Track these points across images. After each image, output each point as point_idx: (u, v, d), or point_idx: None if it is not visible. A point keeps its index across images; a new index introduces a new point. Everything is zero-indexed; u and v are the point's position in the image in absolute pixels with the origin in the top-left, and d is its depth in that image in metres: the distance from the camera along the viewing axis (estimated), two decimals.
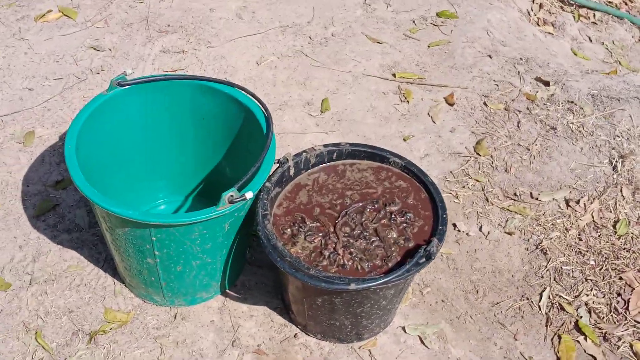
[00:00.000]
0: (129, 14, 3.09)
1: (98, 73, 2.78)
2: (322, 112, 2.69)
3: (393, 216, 1.89)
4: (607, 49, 4.18)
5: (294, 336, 2.01)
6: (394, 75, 2.92)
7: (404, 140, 2.60)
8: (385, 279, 1.69)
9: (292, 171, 1.97)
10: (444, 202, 1.91)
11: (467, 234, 2.29)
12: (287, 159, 1.95)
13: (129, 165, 2.11)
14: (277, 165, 1.94)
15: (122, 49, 2.89)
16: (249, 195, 1.72)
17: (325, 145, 2.02)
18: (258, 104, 1.97)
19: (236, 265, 2.07)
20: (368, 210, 1.92)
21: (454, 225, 2.31)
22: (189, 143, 2.15)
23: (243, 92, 1.99)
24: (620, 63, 4.12)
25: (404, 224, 1.88)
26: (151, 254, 1.83)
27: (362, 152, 2.04)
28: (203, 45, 2.91)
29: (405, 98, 2.79)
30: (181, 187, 2.27)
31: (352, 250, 1.81)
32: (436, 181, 2.45)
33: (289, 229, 1.87)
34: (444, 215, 1.88)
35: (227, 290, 2.12)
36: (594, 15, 4.35)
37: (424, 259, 1.75)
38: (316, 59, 2.94)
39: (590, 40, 4.15)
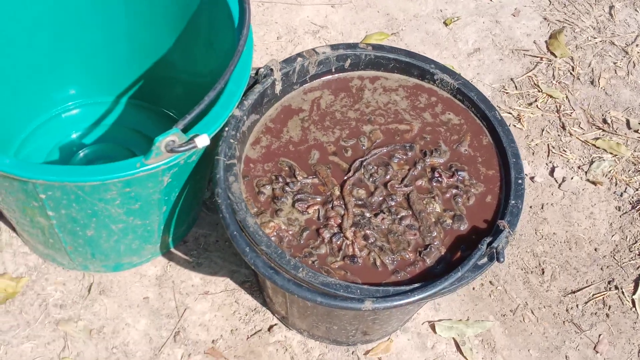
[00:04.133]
0: None
1: None
2: None
3: (437, 174, 1.27)
4: None
5: (269, 330, 1.46)
6: None
7: (445, 24, 1.95)
8: (421, 295, 1.10)
9: (278, 87, 1.30)
10: (519, 155, 1.28)
11: (531, 178, 1.70)
12: (272, 70, 1.28)
13: (23, 51, 1.46)
14: (255, 78, 1.27)
15: None
16: (203, 141, 1.08)
17: (333, 47, 1.36)
18: None
19: (186, 218, 1.48)
20: (397, 161, 1.29)
21: None
22: (118, 21, 1.50)
23: None
24: None
25: (454, 190, 1.27)
26: (43, 214, 1.23)
27: (392, 60, 1.38)
28: None
29: None
30: (110, 84, 1.63)
31: (367, 232, 1.20)
32: (490, 92, 1.81)
33: (268, 186, 1.24)
34: (520, 181, 1.25)
35: (172, 249, 1.52)
36: None
37: (485, 259, 1.15)
38: None
39: None
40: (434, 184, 1.27)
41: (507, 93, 1.84)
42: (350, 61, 1.38)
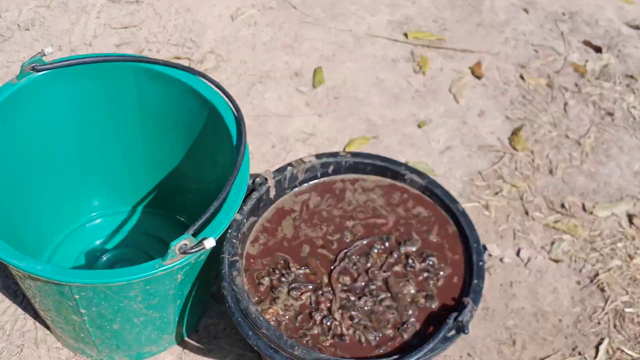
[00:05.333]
0: None
1: (27, 29, 2.28)
2: (314, 86, 2.22)
3: (410, 261, 1.47)
4: None
5: None
6: (405, 35, 2.44)
7: (419, 127, 2.15)
8: None
9: (272, 192, 1.52)
10: (480, 241, 1.48)
11: (500, 259, 1.87)
12: (266, 179, 1.50)
13: (56, 171, 1.69)
14: (252, 186, 1.49)
15: None
16: (210, 243, 1.28)
17: (317, 156, 1.58)
18: (227, 99, 1.50)
19: (197, 310, 1.66)
20: (376, 250, 1.49)
21: (484, 247, 1.87)
22: (136, 143, 1.71)
23: (206, 81, 1.53)
24: None
25: (425, 273, 1.46)
26: (76, 311, 1.41)
27: (369, 164, 1.59)
28: None
29: (421, 68, 2.32)
30: (128, 196, 1.84)
31: (353, 313, 1.39)
32: (460, 184, 2.01)
33: (266, 278, 1.44)
34: (480, 263, 1.45)
35: (186, 338, 1.70)
36: None
37: (453, 332, 1.33)
38: (308, 13, 2.45)
39: None
40: (408, 269, 1.46)
41: (475, 185, 2.04)
42: (333, 167, 1.59)
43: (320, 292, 1.42)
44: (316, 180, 1.59)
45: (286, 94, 2.20)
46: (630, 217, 1.97)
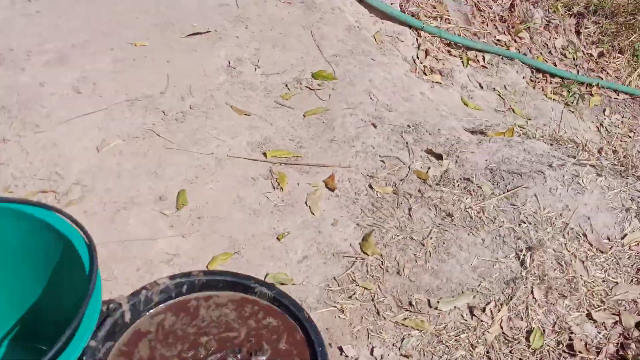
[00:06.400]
0: None
1: None
2: (177, 208, 2.33)
3: None
4: (499, 95, 4.07)
5: None
6: (264, 154, 2.60)
7: (278, 239, 2.28)
8: None
9: (128, 316, 1.60)
10: (324, 345, 1.59)
11: (356, 359, 1.98)
12: (121, 304, 1.58)
13: None
14: (106, 312, 1.56)
15: None
16: None
17: (171, 277, 1.68)
18: (80, 231, 1.59)
19: None
20: None
21: (340, 349, 2.00)
22: None
23: (60, 215, 1.61)
24: (513, 110, 4.00)
25: None
26: None
27: (220, 281, 1.70)
28: (29, 130, 2.49)
29: (279, 184, 2.48)
30: None
31: None
32: (317, 291, 2.14)
33: None
34: None
35: None
36: (484, 58, 4.24)
37: None
38: (171, 140, 2.58)
39: (482, 87, 4.03)
40: None
41: (331, 290, 2.17)
42: (187, 286, 1.69)
43: None
44: (171, 301, 1.68)
45: (150, 217, 2.30)
46: (471, 309, 2.13)
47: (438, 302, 2.15)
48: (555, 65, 4.60)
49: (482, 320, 2.10)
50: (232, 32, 3.19)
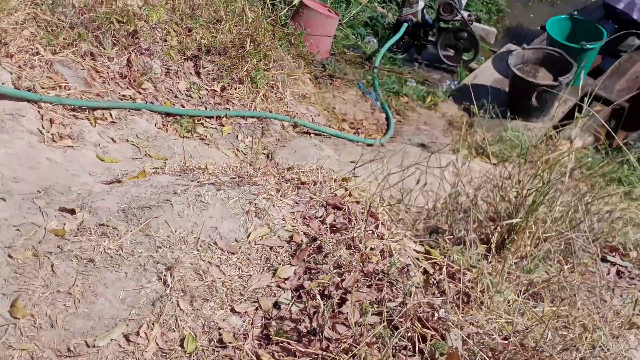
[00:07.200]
0: None
1: None
2: None
3: None
4: (134, 144, 4.28)
5: None
6: None
7: None
8: None
9: None
10: None
11: None
12: None
13: None
14: None
15: None
16: None
17: None
18: None
19: None
20: None
21: None
22: None
23: None
24: (150, 155, 4.24)
25: None
26: None
27: None
28: None
29: None
30: None
31: None
32: None
33: None
34: None
35: None
36: (111, 115, 4.42)
37: None
38: None
39: (115, 141, 4.20)
40: None
41: None
42: None
43: None
44: None
45: None
46: (126, 337, 2.29)
47: (94, 340, 2.27)
48: (183, 106, 4.93)
49: (138, 343, 2.26)
50: None
